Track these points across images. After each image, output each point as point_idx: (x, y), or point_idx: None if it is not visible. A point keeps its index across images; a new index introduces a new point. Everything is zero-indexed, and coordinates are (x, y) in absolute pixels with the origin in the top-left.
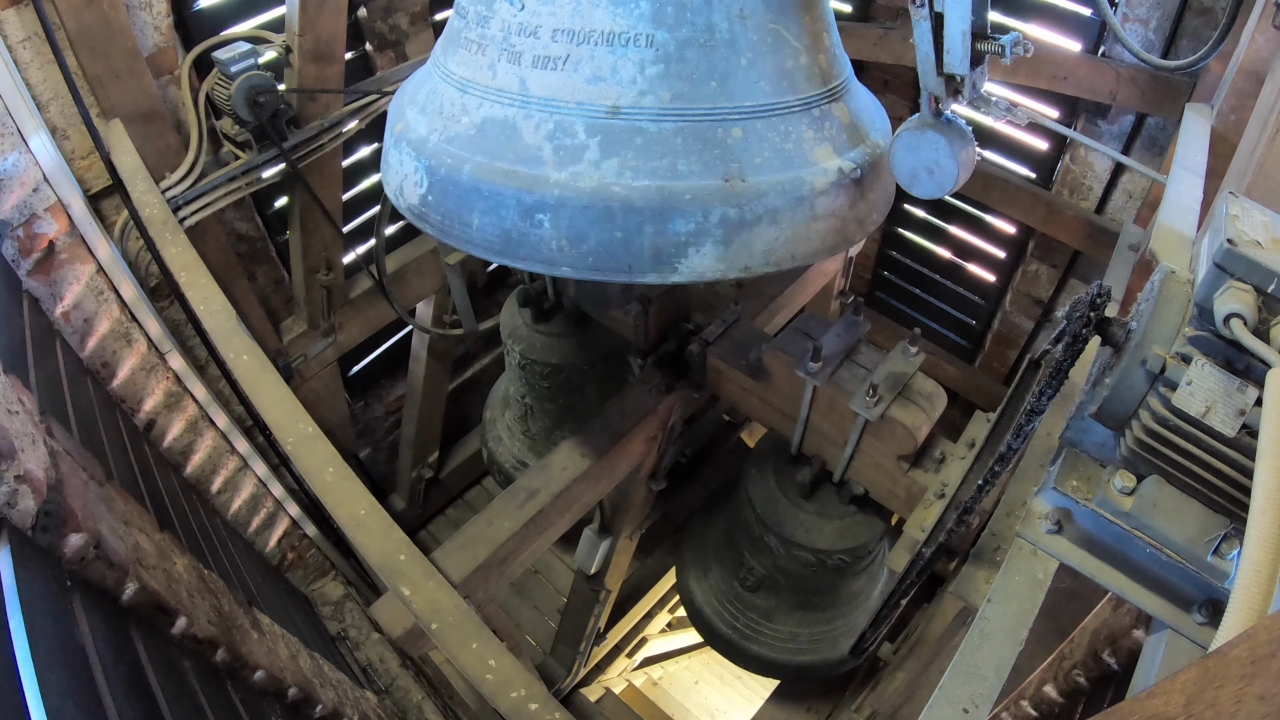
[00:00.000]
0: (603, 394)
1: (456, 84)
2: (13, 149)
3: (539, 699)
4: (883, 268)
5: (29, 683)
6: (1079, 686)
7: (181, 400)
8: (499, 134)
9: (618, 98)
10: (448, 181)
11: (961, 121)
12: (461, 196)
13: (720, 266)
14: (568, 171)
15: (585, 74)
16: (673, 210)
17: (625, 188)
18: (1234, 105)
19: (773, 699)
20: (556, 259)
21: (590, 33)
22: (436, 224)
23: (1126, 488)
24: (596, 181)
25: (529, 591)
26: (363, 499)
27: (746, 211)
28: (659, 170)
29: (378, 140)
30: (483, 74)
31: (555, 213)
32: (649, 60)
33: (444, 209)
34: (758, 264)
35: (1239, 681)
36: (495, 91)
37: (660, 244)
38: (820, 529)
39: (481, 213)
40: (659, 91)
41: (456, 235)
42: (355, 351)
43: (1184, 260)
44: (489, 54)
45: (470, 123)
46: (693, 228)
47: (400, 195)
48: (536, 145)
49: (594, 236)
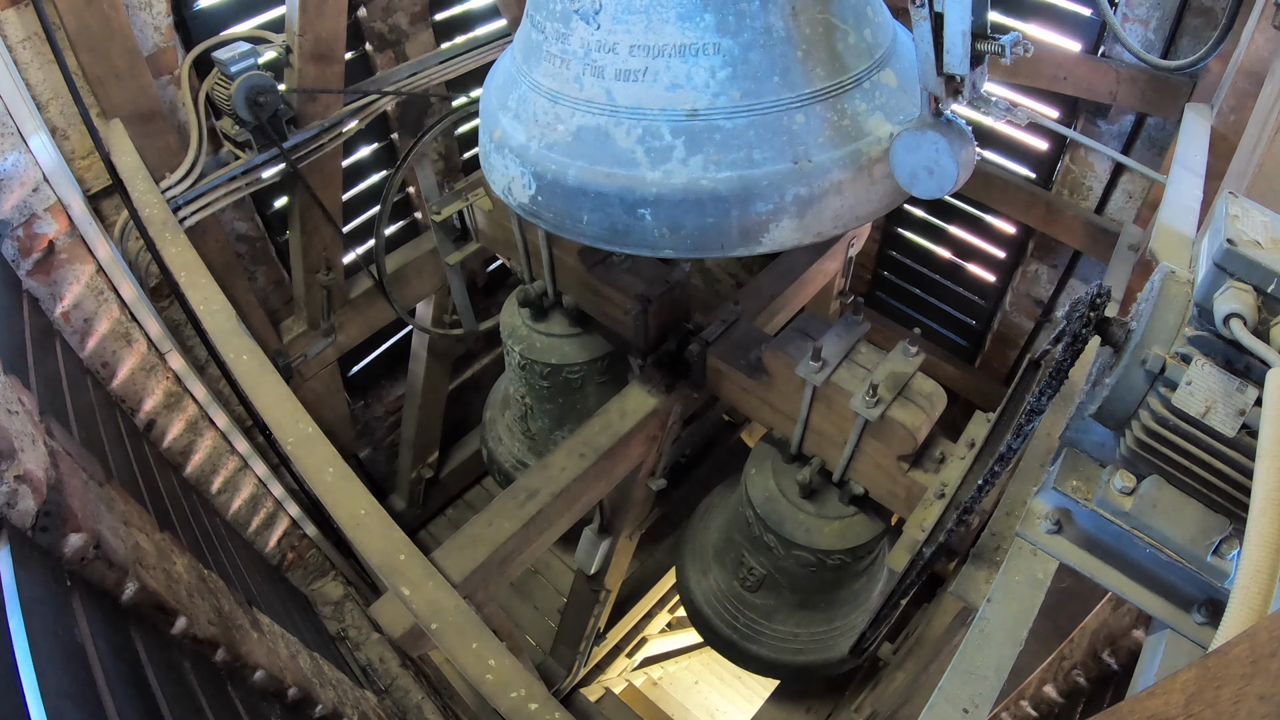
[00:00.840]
0: (603, 394)
1: (547, 95)
2: (13, 149)
3: (539, 699)
4: (883, 268)
5: (29, 683)
6: (1079, 686)
7: (181, 400)
8: (594, 140)
9: (695, 101)
10: (555, 185)
11: (961, 121)
12: (570, 197)
13: (797, 235)
14: (660, 170)
15: (664, 83)
16: (753, 195)
17: (711, 180)
18: (1234, 105)
19: (773, 699)
20: (659, 244)
21: (664, 46)
22: (549, 221)
23: (1126, 488)
24: (686, 177)
25: (529, 591)
26: (363, 499)
27: (815, 188)
28: (738, 161)
29: (378, 140)
30: (570, 86)
31: (655, 207)
32: (718, 65)
33: (555, 208)
34: (828, 229)
35: (1239, 681)
36: (585, 102)
37: (746, 224)
38: (820, 529)
39: (590, 210)
40: (730, 92)
41: (569, 229)
42: (355, 351)
43: (1184, 260)
44: (573, 68)
45: (566, 130)
46: (771, 207)
47: (509, 195)
48: (629, 149)
49: (690, 223)
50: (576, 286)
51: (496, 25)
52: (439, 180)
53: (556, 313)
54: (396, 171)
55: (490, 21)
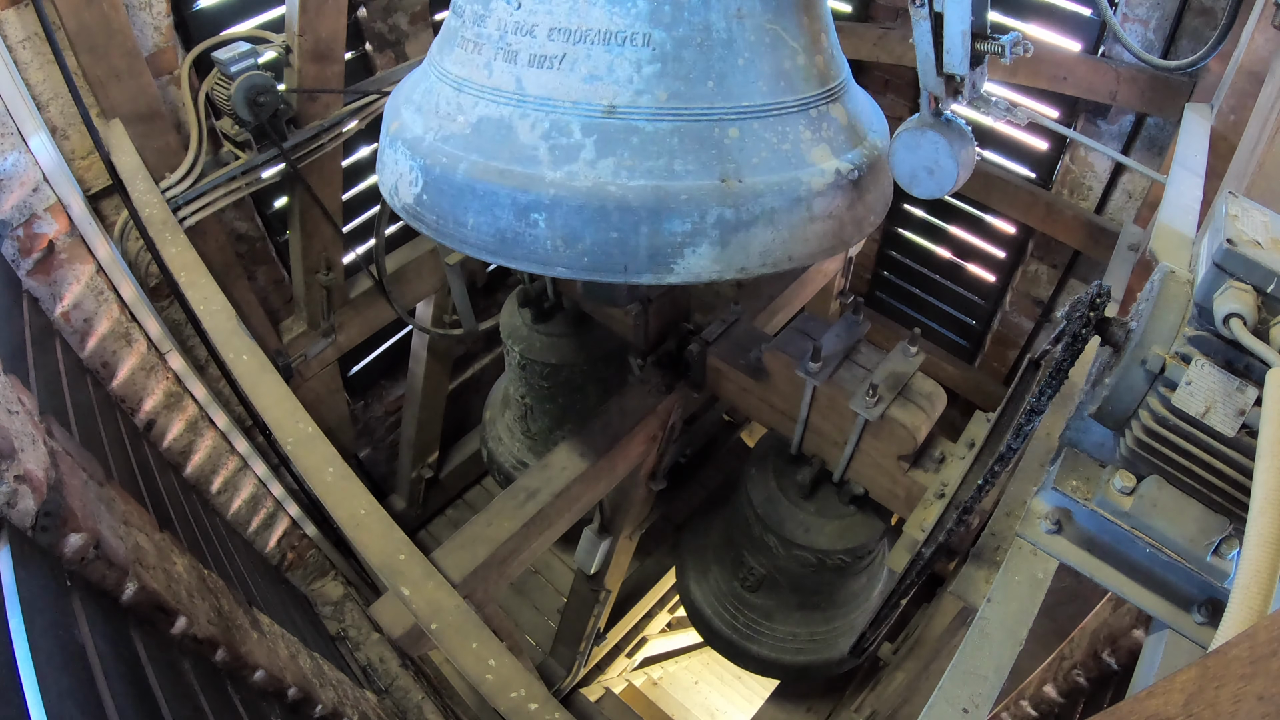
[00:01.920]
0: (603, 394)
1: (452, 83)
2: (13, 149)
3: (539, 699)
4: (883, 268)
5: (29, 683)
6: (1079, 686)
7: (181, 400)
8: (494, 133)
9: (614, 97)
10: (442, 181)
11: (961, 121)
12: (456, 196)
13: (716, 267)
14: (563, 171)
15: (582, 73)
16: (669, 210)
17: (621, 187)
18: (1234, 105)
19: (773, 699)
20: (552, 259)
21: (587, 31)
22: (431, 224)
23: (1126, 488)
24: (592, 181)
25: (529, 591)
26: (363, 499)
27: (743, 212)
28: (655, 170)
29: (377, 140)
30: (479, 73)
31: (550, 212)
32: (646, 59)
33: (439, 208)
34: (754, 265)
35: (1238, 681)
36: (491, 90)
37: (656, 244)
38: (820, 529)
39: (476, 212)
40: (655, 91)
41: (451, 235)
42: (355, 351)
43: (1184, 260)
44: (485, 53)
45: (466, 122)
46: (689, 228)
47: (395, 195)
48: (532, 144)
49: (589, 236)
50: (582, 285)
51: None
52: None
53: (556, 313)
54: None
55: None
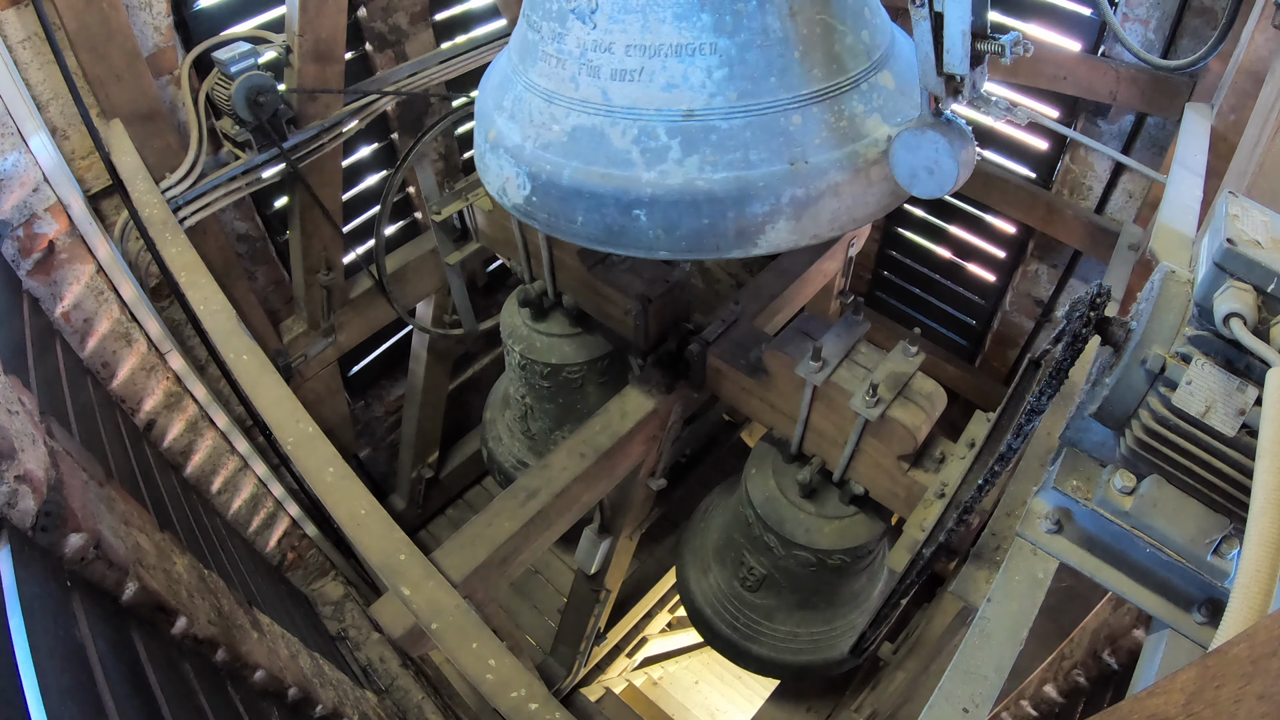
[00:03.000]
0: (603, 394)
1: (542, 95)
2: (13, 149)
3: (539, 699)
4: (883, 268)
5: (29, 683)
6: (1079, 686)
7: (181, 400)
8: (590, 141)
9: (691, 101)
10: (550, 185)
11: (961, 121)
12: (564, 198)
13: (794, 238)
14: (656, 171)
15: (660, 83)
16: (749, 196)
17: (707, 181)
18: (1234, 105)
19: (773, 699)
20: (655, 245)
21: (660, 46)
22: (544, 221)
23: (1126, 487)
24: (682, 178)
25: (529, 591)
26: (363, 499)
27: (812, 189)
28: (734, 162)
29: (377, 140)
30: (566, 86)
31: (650, 208)
32: (715, 65)
33: (549, 208)
34: (825, 231)
35: (1239, 681)
36: (580, 102)
37: (742, 226)
38: (820, 529)
39: (585, 211)
40: (726, 92)
41: (564, 230)
42: (355, 351)
43: (1184, 260)
44: (569, 68)
45: (561, 131)
46: (768, 209)
47: (504, 195)
48: (625, 149)
49: (685, 225)
50: (576, 286)
51: (496, 25)
52: (439, 180)
53: (556, 313)
54: (396, 171)
55: (490, 21)
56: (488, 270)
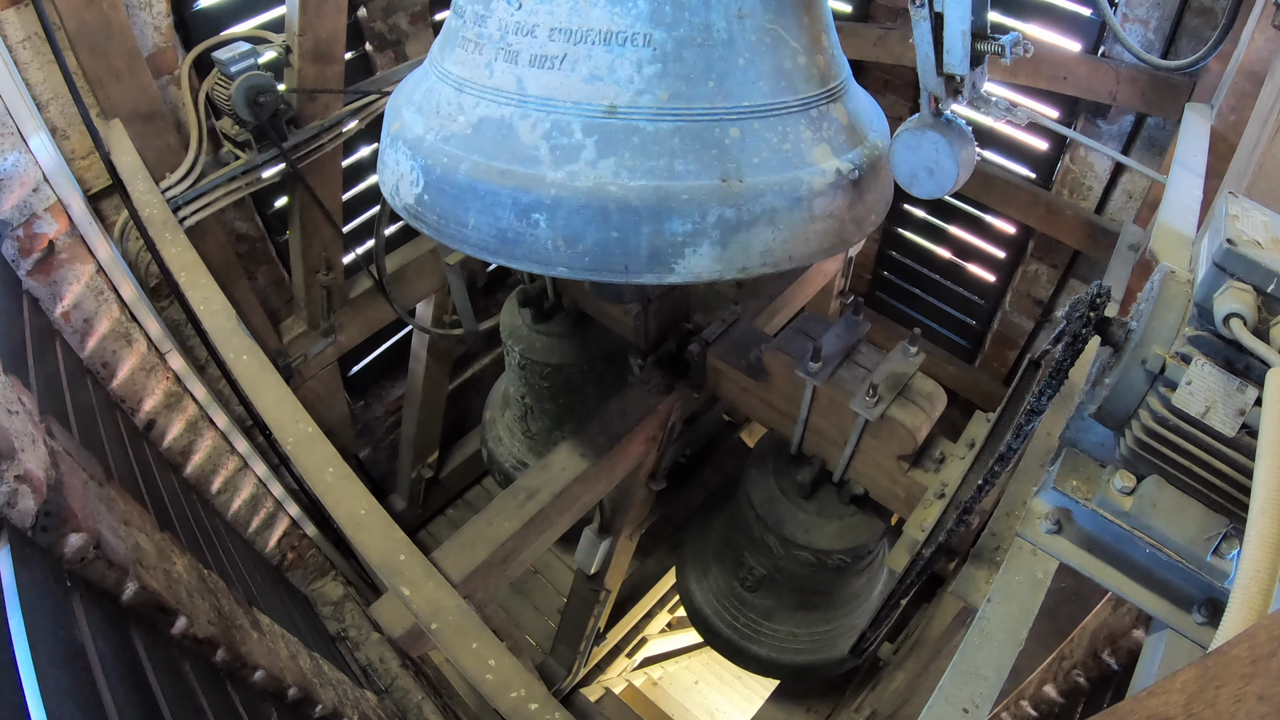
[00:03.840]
0: (603, 394)
1: (453, 83)
2: (13, 149)
3: (539, 699)
4: (883, 268)
5: (29, 683)
6: (1079, 686)
7: (181, 400)
8: (495, 133)
9: (615, 97)
10: (443, 181)
11: (961, 121)
12: (457, 196)
13: (717, 267)
14: (564, 171)
15: (582, 73)
16: (669, 210)
17: (622, 187)
18: (1234, 105)
19: (773, 699)
20: (552, 259)
21: (588, 32)
22: (432, 224)
23: (1126, 488)
24: (593, 181)
25: (529, 591)
26: (363, 499)
27: (744, 212)
28: (656, 170)
29: (378, 140)
30: (479, 73)
31: (551, 212)
32: (646, 59)
33: (440, 208)
34: (755, 265)
35: (1239, 681)
36: (492, 90)
37: (657, 244)
38: (820, 529)
39: (477, 212)
40: (656, 91)
41: (452, 235)
42: (355, 351)
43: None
44: (486, 53)
45: (467, 122)
46: (690, 228)
47: (396, 195)
48: (533, 144)
49: (590, 236)
50: (576, 286)
51: None
52: None
53: (556, 313)
54: None
55: None
56: (488, 270)
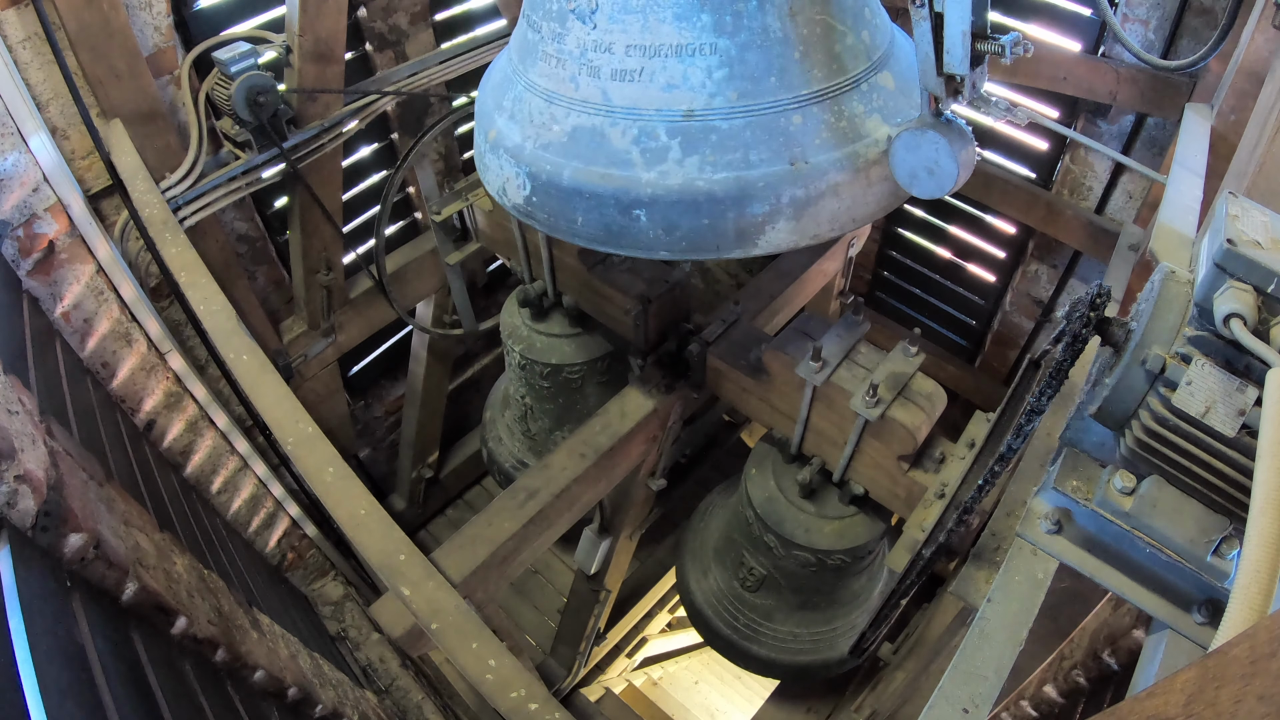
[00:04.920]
0: (603, 394)
1: (542, 95)
2: (13, 149)
3: (539, 699)
4: (883, 268)
5: (29, 682)
6: (1079, 686)
7: (181, 400)
8: (590, 141)
9: (691, 102)
10: (550, 185)
11: (961, 121)
12: (564, 198)
13: (794, 238)
14: (656, 171)
15: (660, 83)
16: (749, 197)
17: (707, 181)
18: (1234, 105)
19: (773, 699)
20: (654, 245)
21: (660, 46)
22: (544, 221)
23: (1126, 488)
24: (682, 178)
25: (529, 591)
26: (363, 499)
27: (812, 190)
28: (734, 162)
29: (378, 140)
30: (566, 86)
31: (650, 208)
32: (715, 66)
33: (549, 208)
34: (825, 231)
35: (1239, 681)
36: (580, 103)
37: (742, 226)
38: (820, 529)
39: (584, 211)
40: (726, 92)
41: (564, 230)
42: (355, 351)
43: (1184, 260)
44: (569, 68)
45: (561, 131)
46: (768, 209)
47: (504, 195)
48: (625, 149)
49: (685, 225)
50: (576, 286)
51: (496, 25)
52: (439, 180)
53: (556, 313)
54: (396, 171)
55: (490, 21)
56: (488, 270)
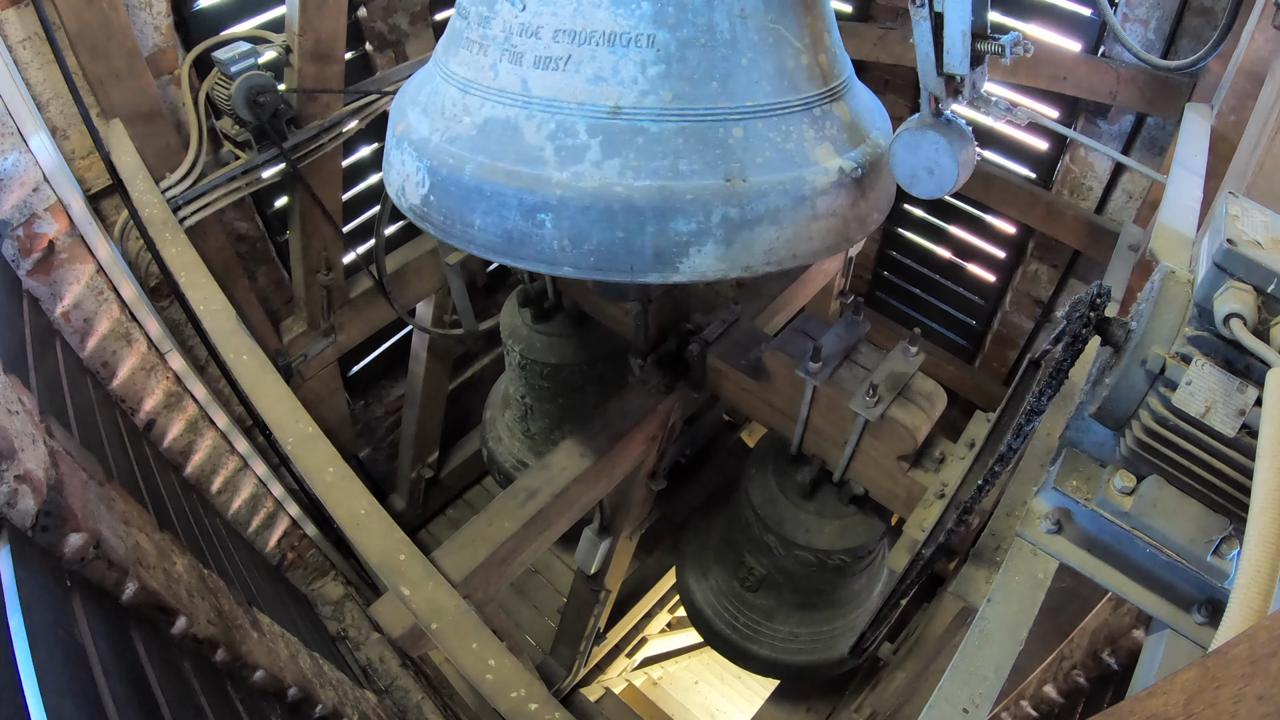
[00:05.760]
0: (603, 394)
1: (458, 84)
2: (13, 149)
3: (539, 699)
4: (883, 268)
5: (29, 682)
6: (1079, 686)
7: (181, 400)
8: (501, 134)
9: (619, 98)
10: (450, 182)
11: (961, 121)
12: (463, 197)
13: (722, 266)
14: (569, 172)
15: (587, 74)
16: (674, 210)
17: (627, 188)
18: (1234, 105)
19: (773, 699)
20: (558, 259)
21: (592, 33)
22: (439, 224)
23: (1126, 488)
24: (598, 181)
25: (529, 591)
26: (363, 499)
27: (748, 211)
28: (660, 170)
29: (378, 140)
30: (484, 74)
31: (557, 213)
32: (650, 60)
33: (446, 209)
34: (759, 263)
35: (1239, 681)
36: (497, 92)
37: (662, 244)
38: (820, 529)
39: (483, 213)
40: (660, 91)
41: (459, 235)
42: (355, 351)
43: (1184, 260)
44: (490, 54)
45: (472, 123)
46: (694, 227)
47: (402, 195)
48: (538, 145)
49: (596, 236)
50: (577, 286)
51: None
52: None
53: (556, 313)
54: None
55: None
56: (488, 270)
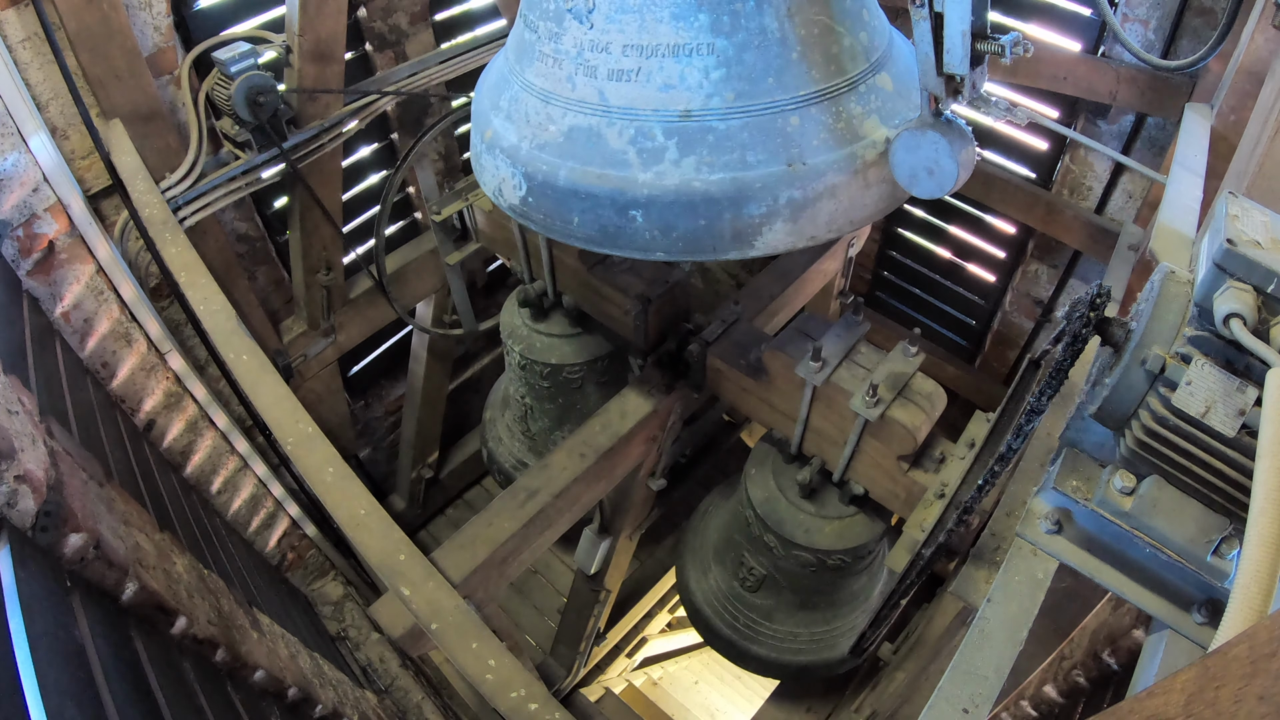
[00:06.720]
0: (603, 394)
1: (538, 95)
2: (13, 149)
3: (539, 699)
4: (883, 268)
5: (29, 682)
6: (1079, 686)
7: (181, 400)
8: (586, 141)
9: (688, 102)
10: (546, 186)
11: (961, 121)
12: (560, 199)
13: (790, 239)
14: (652, 171)
15: (657, 83)
16: (746, 197)
17: (704, 181)
18: (1234, 105)
19: (773, 699)
20: (650, 246)
21: (657, 46)
22: (539, 222)
23: (1126, 488)
24: (679, 178)
25: (529, 591)
26: (363, 499)
27: (809, 191)
28: (731, 163)
29: (378, 140)
30: (562, 86)
31: (646, 209)
32: (712, 66)
33: (545, 209)
34: (822, 233)
35: (1239, 681)
36: (577, 103)
37: (738, 227)
38: (820, 529)
39: (580, 212)
40: (724, 93)
41: (559, 231)
42: (355, 351)
43: (1184, 260)
44: (565, 68)
45: (558, 131)
46: (764, 210)
47: (500, 196)
48: (621, 150)
49: (681, 226)
50: (576, 286)
51: (496, 25)
52: (439, 180)
53: (556, 313)
54: (396, 171)
55: (490, 21)
56: (488, 270)
